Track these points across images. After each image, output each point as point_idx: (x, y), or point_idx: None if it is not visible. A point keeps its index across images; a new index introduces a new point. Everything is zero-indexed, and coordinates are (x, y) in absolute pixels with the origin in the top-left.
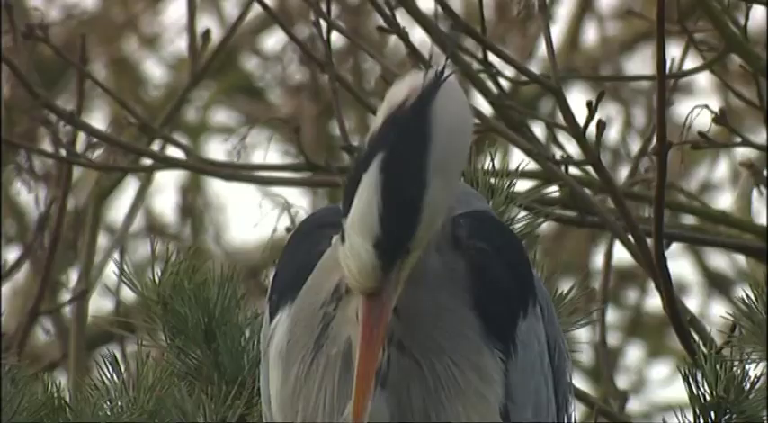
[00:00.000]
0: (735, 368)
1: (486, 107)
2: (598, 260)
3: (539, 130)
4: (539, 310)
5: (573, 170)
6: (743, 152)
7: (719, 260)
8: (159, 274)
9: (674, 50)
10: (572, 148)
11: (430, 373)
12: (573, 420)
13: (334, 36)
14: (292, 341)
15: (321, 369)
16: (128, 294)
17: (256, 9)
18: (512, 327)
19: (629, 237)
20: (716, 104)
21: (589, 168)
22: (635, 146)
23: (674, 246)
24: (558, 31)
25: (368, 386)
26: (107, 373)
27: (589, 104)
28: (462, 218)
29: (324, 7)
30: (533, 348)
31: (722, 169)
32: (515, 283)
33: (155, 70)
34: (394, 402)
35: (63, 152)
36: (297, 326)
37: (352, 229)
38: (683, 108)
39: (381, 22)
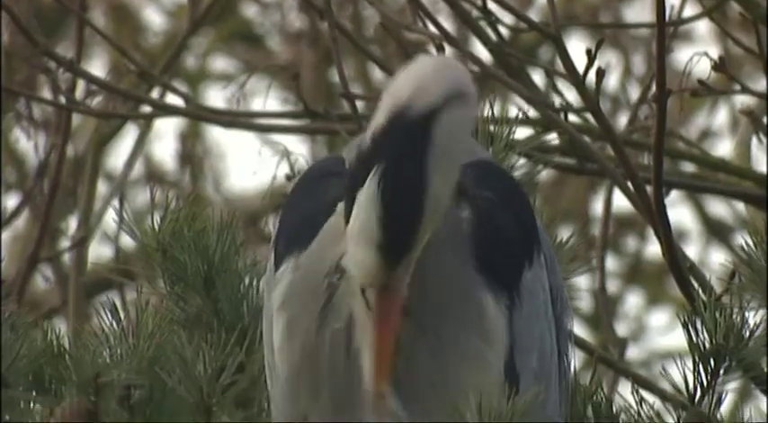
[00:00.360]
0: (734, 316)
1: (485, 55)
2: (597, 207)
3: (538, 77)
4: (543, 259)
5: (572, 117)
6: (742, 100)
7: (719, 207)
8: (158, 221)
9: None
10: (571, 95)
11: (435, 339)
12: (572, 368)
13: None
14: (296, 306)
15: (327, 345)
16: (127, 241)
17: None
18: (518, 276)
19: (629, 184)
20: (715, 52)
21: (588, 116)
22: (634, 93)
23: (674, 193)
24: None
25: (383, 380)
26: (106, 321)
27: (588, 52)
28: (467, 167)
29: None
30: (539, 296)
31: (721, 117)
32: (521, 232)
33: (154, 17)
34: (401, 369)
35: (62, 99)
36: (301, 289)
37: (352, 239)
38: (682, 55)
39: None
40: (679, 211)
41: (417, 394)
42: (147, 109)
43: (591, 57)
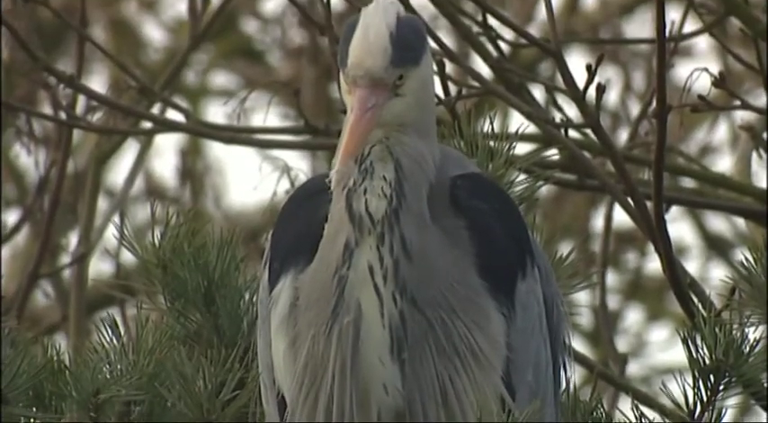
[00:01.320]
0: (734, 331)
1: (485, 70)
2: (598, 223)
3: (538, 93)
4: (537, 272)
5: (573, 133)
6: (742, 115)
7: (719, 223)
8: (159, 237)
9: (673, 13)
10: (572, 111)
11: (443, 334)
12: (569, 380)
13: None
14: (301, 321)
15: (334, 340)
16: (127, 257)
17: None
18: (512, 287)
19: (629, 200)
20: (715, 67)
21: (589, 131)
22: (634, 109)
23: (674, 209)
24: None
25: (350, 153)
26: (107, 337)
27: (589, 67)
28: (460, 179)
29: None
30: (533, 310)
31: (722, 132)
32: (514, 244)
33: (154, 33)
34: (410, 368)
35: (63, 115)
36: (309, 305)
37: (366, 16)
38: (682, 71)
39: None
40: (679, 227)
41: (422, 388)
42: (147, 125)
43: (591, 72)
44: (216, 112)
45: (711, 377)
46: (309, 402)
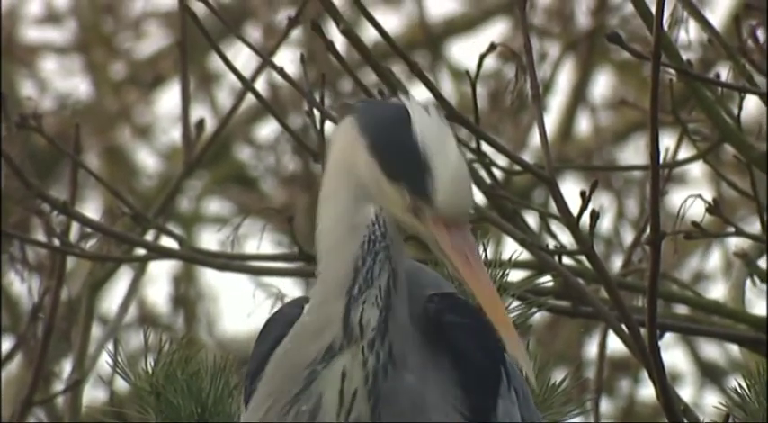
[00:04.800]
0: None
1: (479, 197)
2: (591, 350)
3: (532, 219)
4: (513, 394)
5: (566, 260)
6: (736, 242)
7: (713, 350)
8: (152, 364)
9: (667, 140)
10: (565, 237)
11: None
12: None
13: (328, 125)
14: (262, 389)
15: (291, 417)
16: (121, 385)
17: (250, 99)
18: (487, 404)
19: (623, 326)
20: (709, 194)
21: (583, 258)
22: (628, 236)
23: (668, 335)
24: (551, 120)
25: (505, 313)
26: None
27: (582, 194)
28: (436, 296)
29: (317, 97)
30: None
31: (715, 259)
32: (489, 361)
33: (148, 160)
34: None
35: (56, 242)
36: (273, 377)
37: (445, 166)
38: (676, 198)
39: None
40: (673, 354)
41: None
42: (141, 252)
43: (585, 199)
44: (209, 239)
45: None
46: None
